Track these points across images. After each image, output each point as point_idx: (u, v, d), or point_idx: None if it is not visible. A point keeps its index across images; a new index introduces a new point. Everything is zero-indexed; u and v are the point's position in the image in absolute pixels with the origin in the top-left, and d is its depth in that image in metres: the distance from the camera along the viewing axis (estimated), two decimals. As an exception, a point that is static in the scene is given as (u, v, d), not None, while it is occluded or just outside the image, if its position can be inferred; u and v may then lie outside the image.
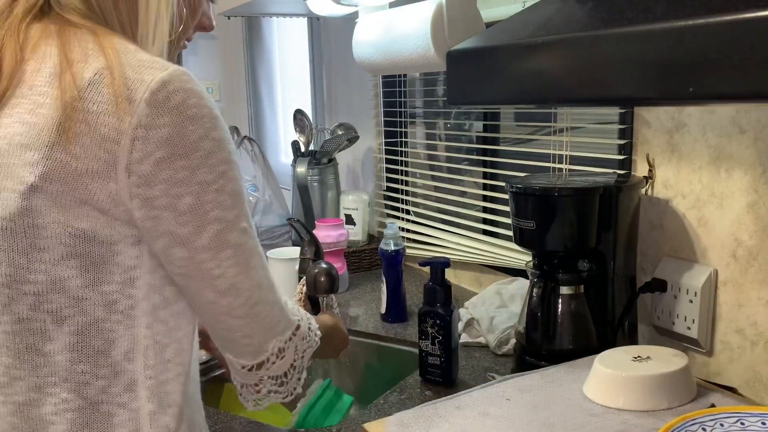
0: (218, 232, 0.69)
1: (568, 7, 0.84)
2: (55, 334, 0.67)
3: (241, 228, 0.71)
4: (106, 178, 0.63)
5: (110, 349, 0.69)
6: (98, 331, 0.68)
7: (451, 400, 0.98)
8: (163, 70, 0.65)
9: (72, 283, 0.66)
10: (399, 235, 1.54)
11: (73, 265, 0.66)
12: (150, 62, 0.65)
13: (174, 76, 0.65)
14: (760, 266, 1.04)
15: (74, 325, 0.67)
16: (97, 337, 0.68)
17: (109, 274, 0.67)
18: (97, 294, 0.67)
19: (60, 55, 0.65)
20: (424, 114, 2.00)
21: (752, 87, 0.57)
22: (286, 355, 0.79)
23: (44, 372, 0.68)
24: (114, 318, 0.68)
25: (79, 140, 0.62)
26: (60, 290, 0.66)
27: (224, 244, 0.70)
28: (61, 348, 0.68)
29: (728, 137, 1.06)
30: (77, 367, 0.68)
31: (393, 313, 1.51)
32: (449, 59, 0.95)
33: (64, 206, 0.64)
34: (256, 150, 1.93)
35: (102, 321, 0.68)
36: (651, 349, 1.01)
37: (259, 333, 0.76)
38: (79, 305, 0.67)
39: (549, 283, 1.12)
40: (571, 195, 1.10)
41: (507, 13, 1.33)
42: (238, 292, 0.72)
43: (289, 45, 2.98)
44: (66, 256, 0.65)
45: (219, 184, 0.68)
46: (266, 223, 1.83)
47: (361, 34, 1.50)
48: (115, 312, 0.68)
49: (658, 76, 0.65)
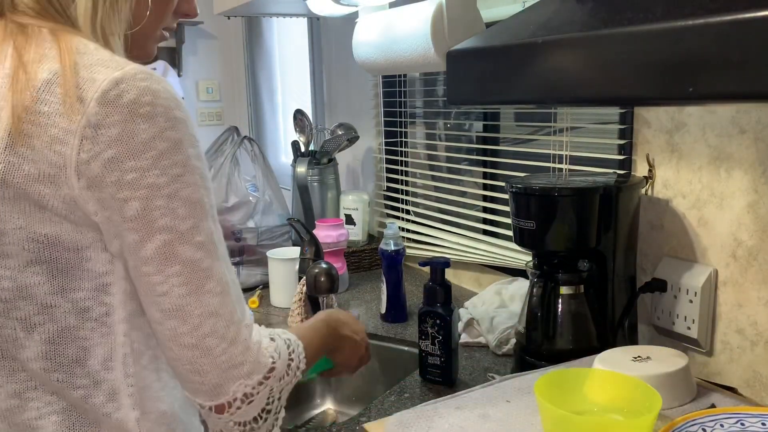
0: (165, 244, 0.63)
1: (568, 7, 0.84)
2: (27, 342, 0.66)
3: (195, 242, 0.65)
4: (58, 182, 0.61)
5: (86, 357, 0.67)
6: (71, 339, 0.66)
7: (451, 400, 0.98)
8: (118, 69, 0.62)
9: (39, 290, 0.64)
10: (399, 235, 1.54)
11: (39, 271, 0.64)
12: (106, 61, 0.63)
13: (128, 74, 0.61)
14: (760, 266, 1.04)
15: (45, 333, 0.65)
16: (71, 345, 0.66)
17: (79, 281, 0.65)
18: (66, 301, 0.65)
19: (15, 57, 0.63)
20: (424, 114, 2.00)
21: (752, 87, 0.57)
22: (255, 400, 0.70)
23: (22, 377, 0.67)
24: (87, 326, 0.66)
25: (30, 142, 0.60)
26: (27, 297, 0.64)
27: (171, 258, 0.64)
28: (35, 356, 0.66)
29: (728, 137, 1.06)
30: (52, 376, 0.66)
31: (393, 313, 1.51)
32: (449, 59, 0.94)
33: (23, 211, 0.62)
34: (256, 150, 1.92)
35: (74, 329, 0.66)
36: (651, 349, 1.01)
37: (213, 372, 0.67)
38: (48, 312, 0.65)
39: (549, 283, 1.12)
40: (571, 195, 1.10)
41: (507, 13, 1.33)
42: (185, 316, 0.65)
43: (289, 45, 2.98)
44: (31, 263, 0.63)
45: (171, 189, 0.63)
46: (266, 223, 1.82)
47: (361, 34, 1.50)
48: (89, 320, 0.66)
49: (658, 76, 0.65)
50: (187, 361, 0.66)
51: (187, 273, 0.64)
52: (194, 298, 0.65)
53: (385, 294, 1.50)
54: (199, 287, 0.65)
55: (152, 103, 0.62)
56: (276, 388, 0.72)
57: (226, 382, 0.68)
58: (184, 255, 0.64)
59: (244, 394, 0.69)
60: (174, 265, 0.64)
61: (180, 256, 0.64)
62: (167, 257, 0.64)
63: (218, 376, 0.67)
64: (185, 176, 0.64)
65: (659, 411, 0.78)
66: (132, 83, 0.61)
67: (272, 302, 1.67)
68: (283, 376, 0.72)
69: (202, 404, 0.69)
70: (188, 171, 0.64)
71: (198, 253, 0.65)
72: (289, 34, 2.95)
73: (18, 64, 0.62)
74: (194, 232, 0.65)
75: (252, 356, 0.69)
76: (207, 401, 0.68)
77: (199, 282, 0.65)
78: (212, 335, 0.66)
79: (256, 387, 0.69)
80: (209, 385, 0.67)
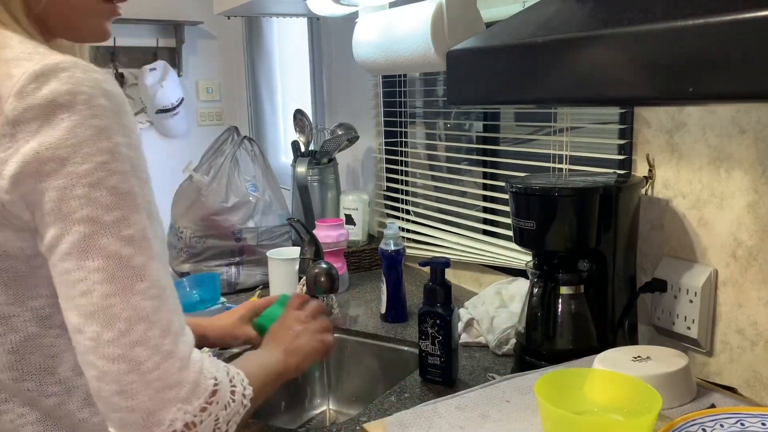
0: (85, 236, 0.57)
1: (568, 7, 0.84)
2: None
3: (123, 236, 0.58)
4: None
5: (55, 365, 0.65)
6: (36, 347, 0.64)
7: (451, 400, 0.98)
8: (37, 63, 0.57)
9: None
10: (399, 235, 1.54)
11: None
12: (26, 55, 0.58)
13: (47, 65, 0.57)
14: (760, 266, 1.04)
15: (8, 344, 0.63)
16: (37, 353, 0.64)
17: (35, 288, 0.63)
18: (25, 310, 0.63)
19: None
20: (424, 114, 2.00)
21: (752, 87, 0.57)
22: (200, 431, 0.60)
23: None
24: (51, 333, 0.64)
25: None
26: None
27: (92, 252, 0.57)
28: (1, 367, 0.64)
29: (728, 137, 1.06)
30: (22, 386, 0.65)
31: (393, 313, 1.51)
32: (449, 59, 0.94)
33: None
34: (256, 150, 1.92)
35: (38, 337, 0.64)
36: (651, 349, 1.01)
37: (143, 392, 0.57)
38: (8, 323, 0.63)
39: (549, 283, 1.12)
40: (571, 195, 1.10)
41: (507, 13, 1.33)
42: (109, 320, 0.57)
43: (289, 45, 2.98)
44: None
45: (95, 177, 0.57)
46: (266, 223, 1.83)
47: (361, 34, 1.50)
48: (52, 327, 0.64)
49: (658, 76, 0.65)
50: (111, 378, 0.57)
51: (113, 269, 0.57)
52: (121, 298, 0.57)
53: (385, 294, 1.50)
54: (128, 287, 0.58)
55: (72, 91, 0.57)
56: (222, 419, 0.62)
57: (161, 407, 0.58)
58: (108, 248, 0.57)
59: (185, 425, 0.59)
60: (95, 260, 0.57)
61: (103, 249, 0.57)
62: (87, 250, 0.57)
63: (150, 398, 0.57)
64: (112, 164, 0.58)
65: (659, 411, 0.78)
66: (52, 74, 0.57)
67: (272, 302, 1.67)
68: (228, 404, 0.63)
69: None
70: (116, 159, 0.58)
71: (126, 248, 0.58)
72: (289, 34, 2.95)
73: None
74: (122, 224, 0.58)
75: (191, 376, 0.60)
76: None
77: (128, 281, 0.58)
78: (143, 344, 0.57)
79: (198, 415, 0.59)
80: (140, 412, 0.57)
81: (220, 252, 1.77)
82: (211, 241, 1.77)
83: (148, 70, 3.14)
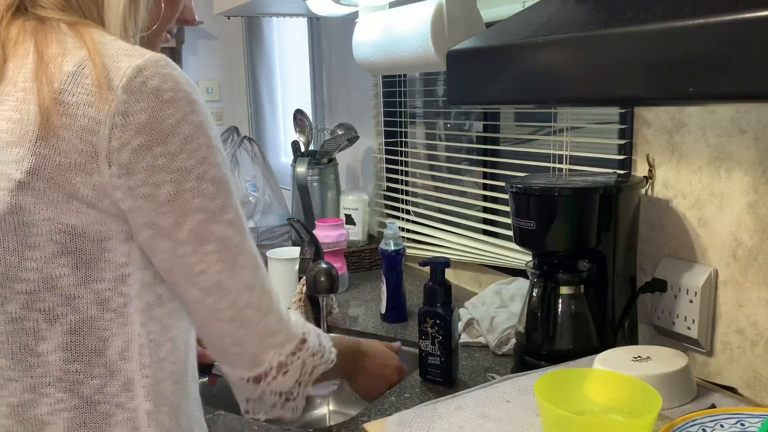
0: (200, 223, 0.66)
1: (568, 7, 0.84)
2: (48, 334, 0.67)
3: (226, 220, 0.68)
4: (89, 170, 0.62)
5: (104, 348, 0.68)
6: (91, 329, 0.67)
7: (451, 400, 0.98)
8: (139, 57, 0.64)
9: (64, 281, 0.65)
10: (399, 235, 1.54)
11: (65, 262, 0.65)
12: (128, 50, 0.64)
13: (150, 61, 0.64)
14: (760, 266, 1.04)
15: (67, 324, 0.66)
16: (91, 335, 0.67)
17: (101, 272, 0.66)
18: (89, 292, 0.66)
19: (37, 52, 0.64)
20: (424, 114, 2.00)
21: (752, 87, 0.57)
22: (290, 371, 0.75)
23: (38, 372, 0.67)
24: (107, 316, 0.67)
25: (60, 133, 0.62)
26: (52, 288, 0.65)
27: (207, 237, 0.66)
28: (55, 347, 0.67)
29: (728, 137, 1.06)
30: (71, 367, 0.67)
31: (393, 313, 1.51)
32: (449, 59, 0.94)
33: (52, 202, 0.63)
34: (256, 150, 1.93)
35: (95, 319, 0.67)
36: (651, 349, 1.01)
37: (252, 342, 0.72)
38: (71, 304, 0.66)
39: (549, 283, 1.12)
40: (571, 195, 1.10)
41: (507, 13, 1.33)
42: (223, 292, 0.69)
43: (289, 45, 2.98)
44: (57, 254, 0.65)
45: (200, 171, 0.65)
46: (266, 223, 1.83)
47: (361, 34, 1.50)
48: (108, 310, 0.67)
49: (658, 76, 0.65)
50: (227, 334, 0.70)
51: (222, 250, 0.67)
52: (230, 273, 0.68)
53: (385, 294, 1.50)
54: (233, 263, 0.68)
55: (174, 88, 0.64)
56: (308, 363, 0.76)
57: (263, 351, 0.72)
58: (217, 233, 0.67)
59: (279, 363, 0.73)
60: (209, 244, 0.67)
61: (214, 234, 0.67)
62: (202, 237, 0.66)
63: (256, 345, 0.72)
64: (210, 157, 0.66)
65: (659, 411, 0.78)
66: (154, 70, 0.63)
67: (272, 302, 1.67)
68: (315, 351, 0.77)
69: (241, 376, 0.73)
70: (212, 152, 0.66)
71: (229, 230, 0.68)
72: (289, 34, 2.95)
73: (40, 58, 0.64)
74: (224, 210, 0.67)
75: (284, 325, 0.74)
76: (246, 372, 0.73)
77: (233, 258, 0.68)
78: (249, 307, 0.70)
79: (289, 356, 0.74)
80: (248, 356, 0.72)
81: (220, 252, 1.77)
82: (211, 241, 1.77)
83: (148, 70, 3.13)
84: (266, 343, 0.73)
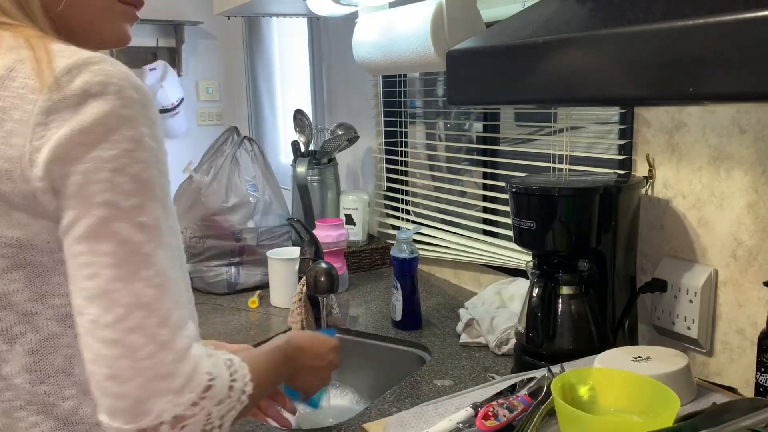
0: (102, 220, 0.57)
1: (568, 7, 0.84)
2: (9, 355, 0.63)
3: (137, 222, 0.59)
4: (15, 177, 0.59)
5: (72, 366, 0.64)
6: (55, 348, 0.63)
7: (451, 400, 0.98)
8: (69, 57, 0.60)
9: (18, 297, 0.62)
10: (412, 239, 1.47)
11: (17, 277, 0.62)
12: (59, 51, 0.61)
13: (80, 60, 0.60)
14: (760, 266, 1.04)
15: (27, 344, 0.63)
16: (55, 354, 0.63)
17: (57, 286, 0.62)
18: (47, 308, 0.63)
19: None
20: (424, 114, 2.00)
21: (752, 87, 0.57)
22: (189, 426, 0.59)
23: (8, 396, 0.64)
24: (71, 333, 0.63)
25: None
26: (7, 306, 0.62)
27: (106, 236, 0.57)
28: (18, 370, 0.63)
29: (728, 137, 1.06)
30: (39, 389, 0.64)
31: (408, 321, 1.46)
32: (449, 59, 0.94)
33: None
34: (256, 150, 1.92)
35: (57, 336, 0.63)
36: (651, 349, 1.01)
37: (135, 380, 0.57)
38: (29, 321, 0.62)
39: (549, 283, 1.12)
40: (571, 195, 1.10)
41: (507, 13, 1.33)
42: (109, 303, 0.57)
43: (289, 45, 2.98)
44: (7, 269, 0.61)
45: (119, 163, 0.58)
46: (266, 223, 1.82)
47: (361, 34, 1.50)
48: (71, 326, 0.62)
49: (658, 76, 0.65)
50: (104, 362, 0.57)
51: (122, 254, 0.58)
52: (124, 283, 0.57)
53: (400, 301, 1.46)
54: (133, 272, 0.58)
55: (104, 82, 0.59)
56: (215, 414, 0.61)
57: (150, 396, 0.57)
58: (121, 233, 0.58)
59: (174, 417, 0.58)
60: (107, 243, 0.57)
61: (116, 234, 0.58)
62: (101, 234, 0.57)
63: (140, 386, 0.57)
64: (136, 152, 0.59)
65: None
66: (84, 67, 0.59)
67: (272, 302, 1.67)
68: (223, 399, 0.62)
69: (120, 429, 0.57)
70: (140, 148, 0.59)
71: (138, 234, 0.59)
72: (289, 34, 2.95)
73: None
74: (138, 211, 0.59)
75: (185, 369, 0.59)
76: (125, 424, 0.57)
77: (134, 267, 0.58)
78: (139, 331, 0.57)
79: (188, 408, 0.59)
80: (129, 399, 0.57)
81: (220, 252, 1.77)
82: (211, 241, 1.77)
83: (148, 70, 3.14)
84: (154, 387, 0.57)
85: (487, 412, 0.87)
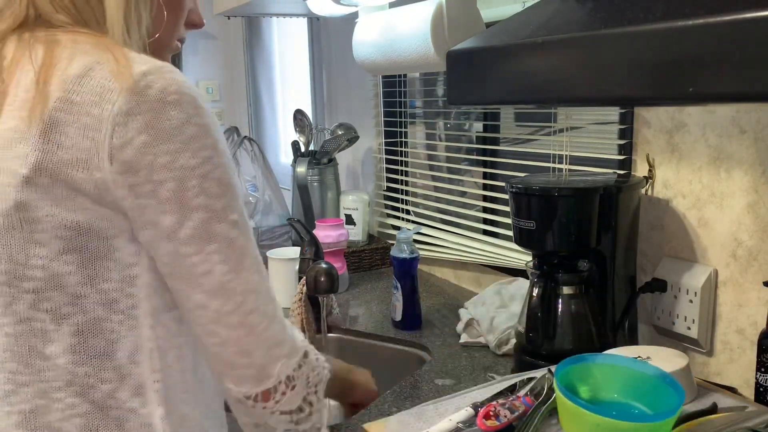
0: (203, 222, 0.65)
1: (568, 7, 0.84)
2: (56, 335, 0.66)
3: (230, 220, 0.67)
4: (91, 167, 0.63)
5: (113, 351, 0.67)
6: (99, 331, 0.67)
7: (451, 399, 0.98)
8: (144, 64, 0.65)
9: (70, 280, 0.65)
10: (412, 239, 1.47)
11: (71, 260, 0.65)
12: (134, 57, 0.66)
13: (155, 67, 0.65)
14: (760, 266, 1.04)
15: (74, 325, 0.66)
16: (99, 337, 0.67)
17: (108, 271, 0.66)
18: (95, 291, 0.66)
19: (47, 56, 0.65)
20: (424, 114, 2.00)
21: (752, 87, 0.57)
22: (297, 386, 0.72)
23: (48, 376, 0.67)
24: (115, 318, 0.67)
25: (64, 130, 0.62)
26: (58, 287, 0.65)
27: (210, 236, 0.65)
28: (63, 350, 0.66)
29: (728, 137, 1.06)
30: (80, 370, 0.67)
31: (409, 321, 1.46)
32: (449, 59, 0.95)
33: (57, 198, 0.63)
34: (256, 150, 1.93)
35: (102, 321, 0.66)
36: (651, 349, 1.01)
37: (260, 351, 0.69)
38: (77, 303, 0.66)
39: (549, 283, 1.12)
40: (571, 195, 1.10)
41: (507, 13, 1.33)
42: (228, 294, 0.67)
43: (289, 45, 2.98)
44: (63, 251, 0.64)
45: (204, 170, 0.65)
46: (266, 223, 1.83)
47: (361, 34, 1.50)
48: (116, 311, 0.67)
49: (659, 76, 0.65)
50: (233, 342, 0.68)
51: (226, 251, 0.66)
52: (235, 275, 0.67)
53: (400, 301, 1.46)
54: (239, 264, 0.67)
55: (179, 92, 0.64)
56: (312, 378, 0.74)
57: (271, 362, 0.70)
58: (221, 233, 0.66)
59: (287, 377, 0.71)
60: (212, 243, 0.65)
61: (217, 234, 0.66)
62: (205, 235, 0.65)
63: (263, 355, 0.69)
64: (215, 158, 0.66)
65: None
66: (159, 75, 0.64)
67: (272, 302, 1.67)
68: (315, 366, 0.75)
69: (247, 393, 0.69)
70: (218, 153, 0.66)
71: (233, 231, 0.67)
72: (289, 34, 2.95)
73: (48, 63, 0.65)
74: (228, 210, 0.66)
75: (289, 336, 0.72)
76: (253, 388, 0.69)
77: (238, 259, 0.67)
78: (255, 312, 0.68)
79: (296, 369, 0.72)
80: (255, 367, 0.69)
81: (220, 252, 1.77)
82: (211, 241, 1.77)
83: (148, 70, 3.14)
84: (273, 354, 0.70)
85: (488, 411, 0.87)
